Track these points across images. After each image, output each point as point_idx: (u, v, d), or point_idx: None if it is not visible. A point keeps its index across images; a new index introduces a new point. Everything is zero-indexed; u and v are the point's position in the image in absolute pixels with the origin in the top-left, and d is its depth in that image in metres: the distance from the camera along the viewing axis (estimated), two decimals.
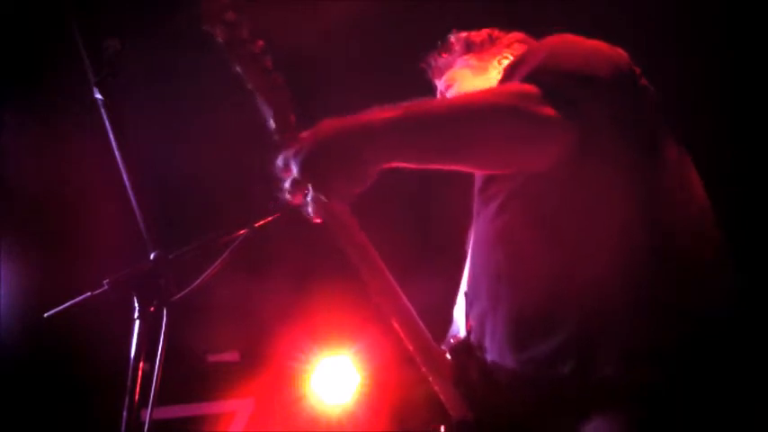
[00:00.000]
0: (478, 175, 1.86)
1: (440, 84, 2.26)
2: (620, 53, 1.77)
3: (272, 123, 1.65)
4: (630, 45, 1.80)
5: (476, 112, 1.60)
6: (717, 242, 1.71)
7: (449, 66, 2.25)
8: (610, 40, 1.79)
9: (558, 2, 3.50)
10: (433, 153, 1.61)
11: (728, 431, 1.55)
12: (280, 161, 1.58)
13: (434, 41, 2.31)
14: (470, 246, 1.89)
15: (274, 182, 1.62)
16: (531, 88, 1.61)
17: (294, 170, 1.55)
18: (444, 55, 2.27)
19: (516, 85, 1.66)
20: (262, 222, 2.00)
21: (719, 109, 3.91)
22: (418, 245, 4.49)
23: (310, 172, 1.54)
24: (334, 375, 5.14)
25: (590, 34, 1.79)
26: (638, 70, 1.75)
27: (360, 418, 5.15)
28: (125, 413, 1.77)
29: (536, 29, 2.09)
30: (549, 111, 1.59)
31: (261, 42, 1.66)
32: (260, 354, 5.17)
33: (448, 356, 1.77)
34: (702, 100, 3.84)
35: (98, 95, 1.92)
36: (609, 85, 1.68)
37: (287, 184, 1.59)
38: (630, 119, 1.68)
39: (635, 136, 1.68)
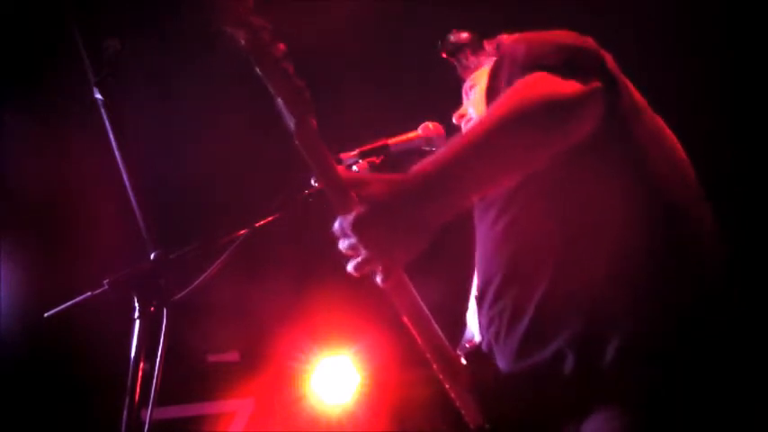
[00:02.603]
0: None
1: (466, 82, 2.25)
2: (589, 40, 1.77)
3: (293, 127, 1.63)
4: (630, 45, 1.80)
5: (514, 118, 1.56)
6: (711, 230, 1.71)
7: (478, 66, 2.24)
8: (610, 40, 1.79)
9: (558, 2, 3.49)
10: (493, 178, 1.58)
11: (728, 431, 1.56)
12: (337, 228, 1.52)
13: (434, 41, 2.31)
14: (476, 251, 1.89)
15: (273, 182, 1.61)
16: (541, 74, 1.60)
17: (353, 242, 1.49)
18: (476, 54, 2.26)
19: (527, 79, 1.62)
20: (262, 222, 2.00)
21: (719, 109, 3.91)
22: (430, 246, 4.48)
23: (372, 248, 1.49)
24: (334, 375, 5.14)
25: (590, 34, 1.78)
26: (608, 56, 1.74)
27: (360, 418, 5.15)
28: (125, 413, 1.77)
29: (536, 29, 2.09)
30: (572, 84, 1.58)
31: (282, 46, 1.64)
32: (260, 354, 5.17)
33: (463, 361, 1.76)
34: (702, 100, 3.84)
35: (98, 95, 1.93)
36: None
37: (343, 247, 1.52)
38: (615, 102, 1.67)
39: (624, 121, 1.68)
